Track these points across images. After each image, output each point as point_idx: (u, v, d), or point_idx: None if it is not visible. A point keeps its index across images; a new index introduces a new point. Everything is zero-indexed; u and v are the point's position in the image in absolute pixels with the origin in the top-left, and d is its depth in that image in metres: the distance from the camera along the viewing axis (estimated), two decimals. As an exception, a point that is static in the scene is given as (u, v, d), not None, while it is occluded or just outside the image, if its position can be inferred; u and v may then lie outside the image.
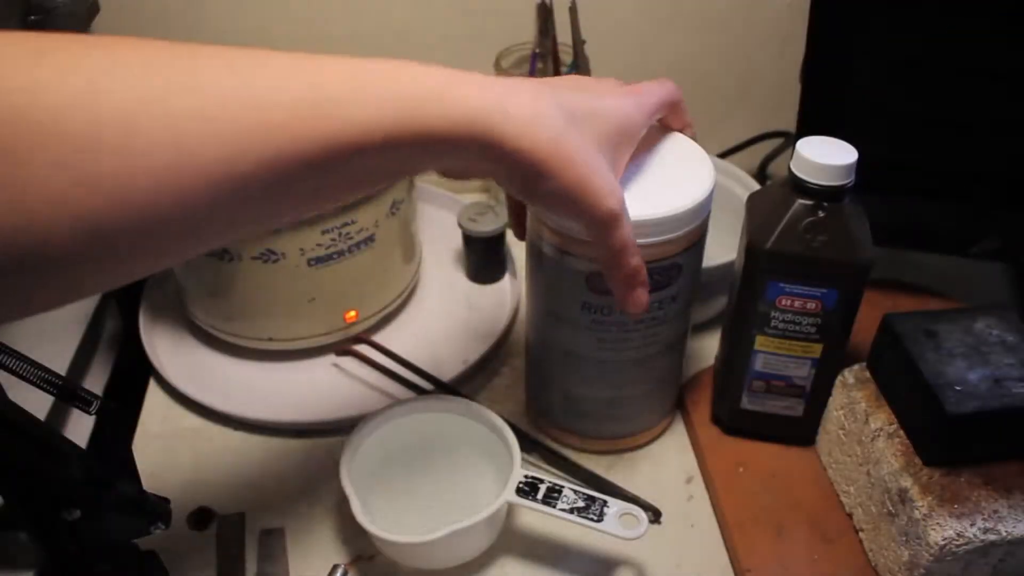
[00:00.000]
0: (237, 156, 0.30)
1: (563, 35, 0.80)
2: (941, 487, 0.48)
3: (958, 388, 0.48)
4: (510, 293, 0.76)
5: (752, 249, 0.54)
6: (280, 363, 0.69)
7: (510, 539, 0.57)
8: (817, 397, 0.59)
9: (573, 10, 0.78)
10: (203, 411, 0.65)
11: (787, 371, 0.58)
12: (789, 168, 0.53)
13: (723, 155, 0.82)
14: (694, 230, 0.52)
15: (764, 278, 0.54)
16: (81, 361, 0.75)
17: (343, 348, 0.68)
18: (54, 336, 0.75)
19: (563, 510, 0.51)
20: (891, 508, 0.50)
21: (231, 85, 0.30)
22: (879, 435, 0.52)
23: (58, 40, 0.28)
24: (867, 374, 0.56)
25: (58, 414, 0.68)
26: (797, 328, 0.55)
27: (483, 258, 0.77)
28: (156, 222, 0.29)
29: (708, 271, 0.67)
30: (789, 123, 0.71)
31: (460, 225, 0.74)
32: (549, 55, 0.81)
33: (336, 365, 0.69)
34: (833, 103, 0.65)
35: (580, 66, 0.78)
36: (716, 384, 0.63)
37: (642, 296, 0.45)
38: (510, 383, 0.69)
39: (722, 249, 0.71)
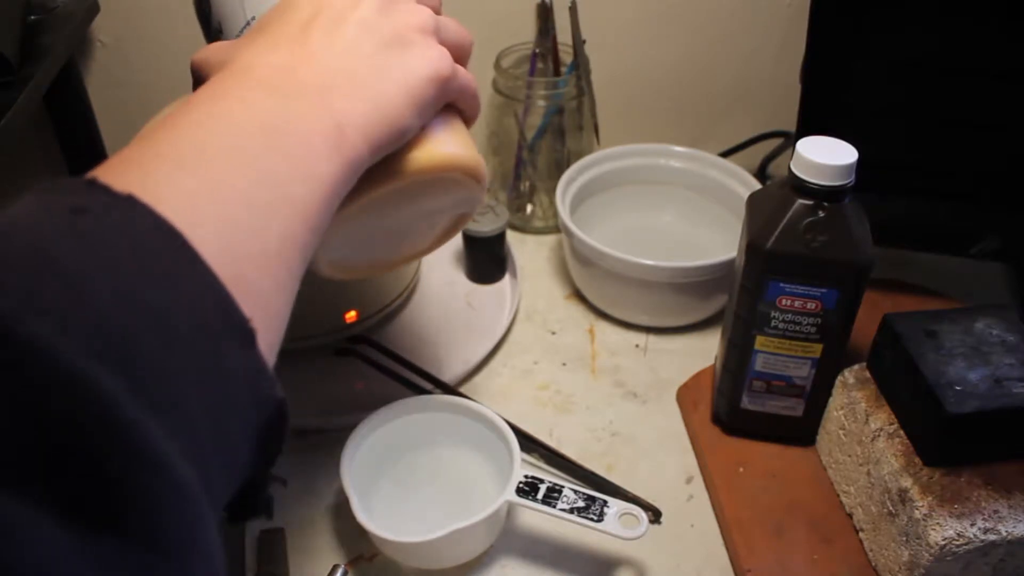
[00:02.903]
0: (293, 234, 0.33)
1: (563, 35, 0.80)
2: (941, 487, 0.48)
3: (958, 388, 0.48)
4: (510, 293, 0.76)
5: (752, 249, 0.54)
6: (280, 363, 0.68)
7: (510, 539, 0.57)
8: (817, 397, 0.59)
9: (573, 10, 0.78)
10: (203, 411, 0.65)
11: (787, 371, 0.58)
12: (789, 168, 0.53)
13: (723, 155, 0.82)
14: None
15: (764, 278, 0.54)
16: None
17: (343, 348, 0.68)
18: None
19: (563, 510, 0.51)
20: (891, 508, 0.50)
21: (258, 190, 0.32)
22: (879, 435, 0.52)
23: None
24: (867, 374, 0.56)
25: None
26: (797, 328, 0.55)
27: (483, 258, 0.77)
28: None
29: (708, 270, 0.67)
30: (789, 123, 0.71)
31: (460, 225, 0.74)
32: (549, 55, 0.81)
33: (336, 365, 0.68)
34: (833, 103, 0.65)
35: (580, 66, 0.78)
36: (716, 384, 0.63)
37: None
38: (510, 383, 0.69)
39: (722, 248, 0.71)
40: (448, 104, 0.41)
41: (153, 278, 0.25)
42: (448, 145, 0.40)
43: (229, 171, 0.30)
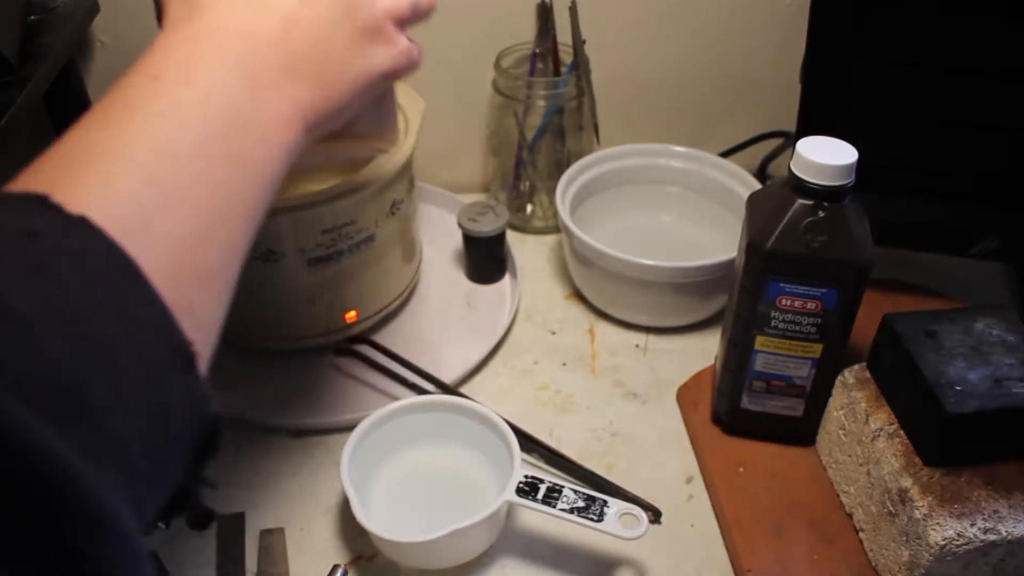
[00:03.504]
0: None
1: (563, 35, 0.80)
2: (941, 487, 0.48)
3: (958, 388, 0.48)
4: (510, 293, 0.76)
5: (752, 249, 0.54)
6: (280, 363, 0.69)
7: (510, 539, 0.57)
8: (817, 397, 0.59)
9: (573, 10, 0.78)
10: (203, 411, 0.65)
11: (787, 371, 0.58)
12: (789, 168, 0.53)
13: (723, 155, 0.82)
14: None
15: (764, 278, 0.54)
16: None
17: (343, 348, 0.68)
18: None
19: (563, 510, 0.51)
20: (891, 508, 0.50)
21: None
22: (879, 435, 0.52)
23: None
24: (867, 374, 0.56)
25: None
26: (797, 328, 0.55)
27: (483, 258, 0.77)
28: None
29: (708, 270, 0.67)
30: (789, 123, 0.71)
31: (460, 225, 0.74)
32: (549, 55, 0.81)
33: (336, 365, 0.69)
34: (833, 103, 0.65)
35: (580, 66, 0.78)
36: (716, 384, 0.63)
37: None
38: (510, 383, 0.69)
39: (722, 248, 0.71)
40: None
41: (103, 310, 0.25)
42: (376, 125, 0.45)
43: (189, 179, 0.30)
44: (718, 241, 0.78)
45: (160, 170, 0.29)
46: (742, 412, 0.61)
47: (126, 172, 0.28)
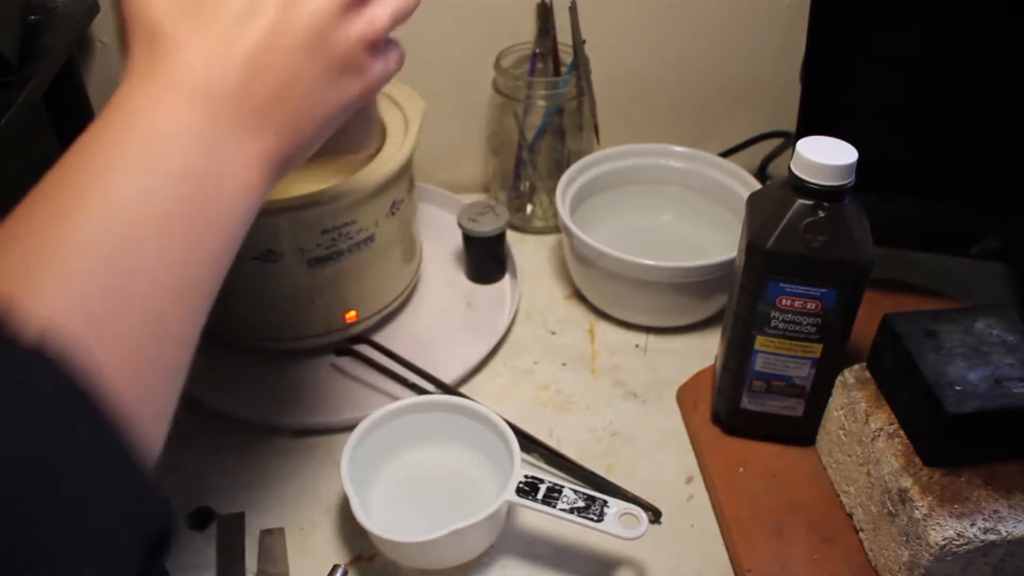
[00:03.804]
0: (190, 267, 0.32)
1: (563, 35, 0.80)
2: (941, 487, 0.48)
3: (958, 388, 0.48)
4: (510, 293, 0.76)
5: (752, 249, 0.54)
6: (280, 363, 0.69)
7: (510, 539, 0.57)
8: (817, 397, 0.59)
9: (573, 10, 0.78)
10: (203, 411, 0.65)
11: (787, 371, 0.58)
12: (789, 168, 0.53)
13: (723, 155, 0.82)
14: None
15: (764, 278, 0.54)
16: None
17: (343, 348, 0.68)
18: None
19: (563, 510, 0.51)
20: (891, 508, 0.50)
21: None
22: (879, 435, 0.52)
23: None
24: (867, 374, 0.56)
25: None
26: (797, 328, 0.55)
27: (483, 258, 0.77)
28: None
29: (708, 270, 0.67)
30: (789, 123, 0.71)
31: (460, 225, 0.74)
32: (549, 55, 0.81)
33: (336, 365, 0.69)
34: (833, 103, 0.65)
35: (580, 66, 0.78)
36: (716, 384, 0.63)
37: None
38: (510, 383, 0.69)
39: (722, 248, 0.71)
40: None
41: (57, 447, 0.25)
42: (352, 139, 0.45)
43: (151, 256, 0.29)
44: (718, 241, 0.78)
45: (120, 254, 0.29)
46: (742, 412, 0.61)
47: (86, 267, 0.28)
